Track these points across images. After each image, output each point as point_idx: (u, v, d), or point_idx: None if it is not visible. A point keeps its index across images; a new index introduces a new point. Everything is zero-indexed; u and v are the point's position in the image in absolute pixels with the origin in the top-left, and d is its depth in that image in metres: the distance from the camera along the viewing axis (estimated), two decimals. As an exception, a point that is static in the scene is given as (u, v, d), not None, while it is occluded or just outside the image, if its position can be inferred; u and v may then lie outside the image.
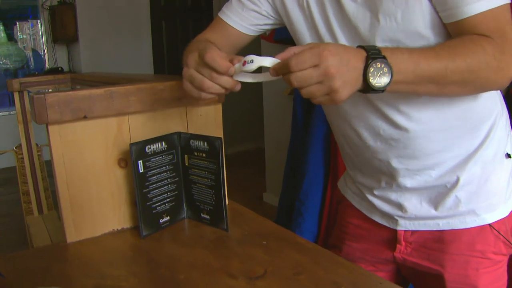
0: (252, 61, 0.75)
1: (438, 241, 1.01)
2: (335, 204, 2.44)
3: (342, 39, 0.92)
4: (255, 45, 1.12)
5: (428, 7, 0.82)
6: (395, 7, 0.83)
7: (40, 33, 5.70)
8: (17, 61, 5.91)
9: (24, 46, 5.88)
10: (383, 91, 0.74)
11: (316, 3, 0.95)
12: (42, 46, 5.72)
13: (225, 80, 0.80)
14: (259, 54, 0.76)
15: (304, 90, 0.71)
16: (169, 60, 5.74)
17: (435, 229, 1.01)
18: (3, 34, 5.80)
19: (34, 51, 5.90)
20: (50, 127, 0.92)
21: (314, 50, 0.70)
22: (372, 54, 0.73)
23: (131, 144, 0.94)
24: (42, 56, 5.76)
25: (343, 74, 0.70)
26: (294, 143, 2.85)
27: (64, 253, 0.95)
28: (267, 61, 0.75)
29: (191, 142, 1.00)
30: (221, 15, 1.08)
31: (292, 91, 3.04)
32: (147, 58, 5.52)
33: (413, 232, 1.03)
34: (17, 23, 5.84)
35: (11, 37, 5.85)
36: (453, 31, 0.83)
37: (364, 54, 0.74)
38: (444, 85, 0.79)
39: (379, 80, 0.73)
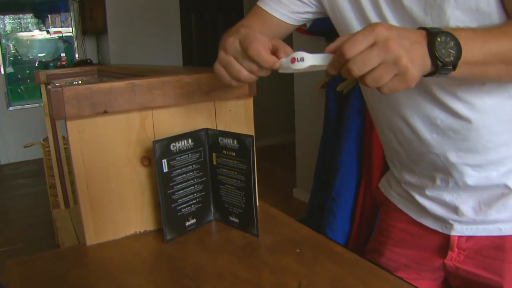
0: (302, 59, 0.68)
1: (497, 248, 0.91)
2: (368, 203, 2.35)
3: (394, 22, 0.84)
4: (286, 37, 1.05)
5: None
6: None
7: (71, 26, 5.73)
8: (49, 53, 5.95)
9: (55, 38, 5.92)
10: (454, 68, 0.65)
11: None
12: (72, 38, 5.74)
13: (264, 73, 0.73)
14: (307, 51, 0.69)
15: (368, 77, 0.62)
16: (198, 53, 5.69)
17: (496, 234, 0.91)
18: (35, 27, 5.85)
19: (66, 43, 5.94)
20: (68, 123, 0.85)
21: (365, 28, 0.62)
22: (433, 30, 0.65)
23: (155, 142, 0.86)
24: (73, 48, 5.79)
25: (407, 48, 0.61)
26: (326, 139, 2.76)
27: (83, 258, 0.89)
28: (320, 59, 0.67)
29: (219, 140, 0.92)
30: (260, 3, 1.02)
31: (324, 85, 2.94)
32: (176, 51, 5.47)
33: (469, 237, 0.94)
34: (49, 16, 5.88)
35: (43, 30, 5.90)
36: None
37: (423, 31, 0.65)
38: None
39: (448, 54, 0.64)
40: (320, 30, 2.87)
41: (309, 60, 0.68)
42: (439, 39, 0.63)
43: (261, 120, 5.66)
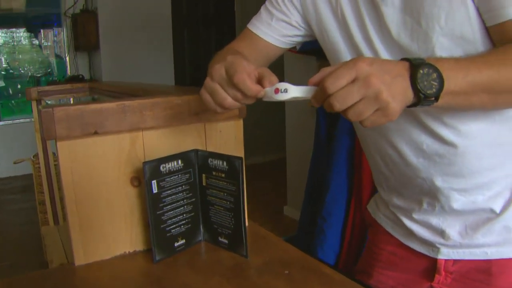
0: (286, 90, 0.69)
1: (484, 272, 0.92)
2: (358, 222, 2.35)
3: (380, 48, 0.85)
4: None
5: (474, 8, 0.74)
6: (438, 10, 0.76)
7: (63, 41, 5.73)
8: (41, 68, 5.95)
9: (48, 53, 5.92)
10: (436, 99, 0.66)
11: (351, 10, 0.88)
12: (65, 53, 5.74)
13: (249, 101, 0.74)
14: (290, 82, 0.70)
15: (350, 112, 0.63)
16: (191, 68, 5.72)
17: (482, 258, 0.91)
18: (27, 41, 5.85)
19: (58, 58, 5.94)
20: (58, 143, 0.85)
21: (348, 63, 0.63)
22: (416, 61, 0.65)
23: (144, 163, 0.87)
24: (65, 64, 5.79)
25: (388, 82, 0.62)
26: (316, 156, 2.77)
27: (72, 278, 0.89)
28: (304, 91, 0.69)
29: (209, 161, 0.93)
30: (250, 26, 1.03)
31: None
32: (168, 67, 5.48)
33: (456, 261, 0.94)
34: (41, 30, 5.88)
35: (35, 44, 5.89)
36: (497, 35, 0.75)
37: (406, 63, 0.66)
38: (498, 93, 0.70)
39: (430, 86, 0.64)
40: (311, 50, 2.89)
41: (293, 92, 0.69)
42: (421, 71, 0.64)
43: (252, 137, 5.67)
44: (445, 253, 0.94)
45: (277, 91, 0.70)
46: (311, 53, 3.08)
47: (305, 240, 2.68)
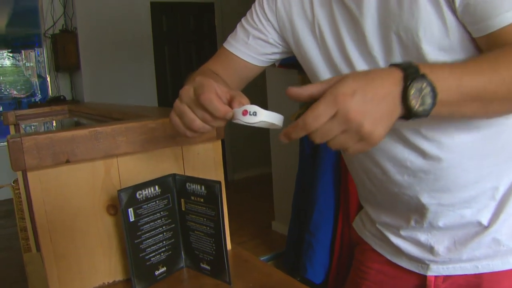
0: (255, 113, 0.66)
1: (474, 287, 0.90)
2: (347, 235, 2.33)
3: (358, 61, 0.84)
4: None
5: (453, 20, 0.73)
6: (415, 23, 0.74)
7: (44, 61, 5.68)
8: (23, 89, 5.87)
9: (30, 74, 5.85)
10: (427, 115, 0.62)
11: (328, 24, 0.86)
12: (45, 74, 5.69)
13: (218, 123, 0.70)
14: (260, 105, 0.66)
15: (331, 143, 0.60)
16: (172, 85, 5.69)
17: (473, 272, 0.89)
18: (8, 63, 5.78)
19: (40, 79, 5.87)
20: (29, 174, 0.82)
21: (327, 98, 0.58)
22: (411, 74, 0.60)
23: (119, 191, 0.84)
24: (47, 85, 5.73)
25: (371, 112, 0.58)
26: (302, 172, 2.75)
27: (47, 314, 0.85)
28: (274, 117, 0.66)
29: (187, 185, 0.90)
30: (226, 45, 1.00)
31: (299, 116, 2.95)
32: (150, 85, 5.46)
33: (446, 278, 0.92)
34: (22, 51, 5.82)
35: (17, 66, 5.83)
36: (486, 44, 0.73)
37: (399, 74, 0.60)
38: (490, 101, 0.66)
39: (422, 102, 0.60)
40: (292, 64, 2.89)
41: (262, 116, 0.66)
42: (412, 91, 0.59)
43: (238, 153, 5.64)
44: (435, 270, 0.92)
45: (245, 112, 0.66)
46: (292, 67, 3.08)
47: (294, 255, 2.65)
